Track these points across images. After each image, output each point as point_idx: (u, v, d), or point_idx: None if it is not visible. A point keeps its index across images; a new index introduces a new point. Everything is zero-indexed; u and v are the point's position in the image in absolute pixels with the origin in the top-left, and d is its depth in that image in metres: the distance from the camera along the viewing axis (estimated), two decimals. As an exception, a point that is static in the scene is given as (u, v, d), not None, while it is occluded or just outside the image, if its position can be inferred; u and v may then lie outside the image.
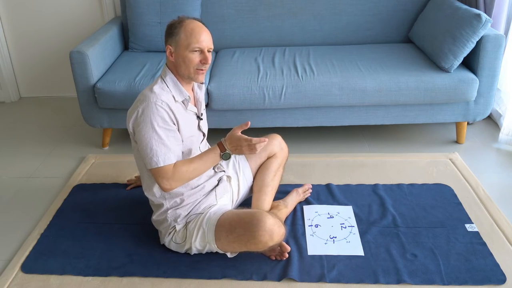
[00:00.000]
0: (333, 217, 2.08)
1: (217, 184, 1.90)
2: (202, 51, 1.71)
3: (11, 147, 2.87)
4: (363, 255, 1.85)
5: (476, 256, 1.82)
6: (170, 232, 1.84)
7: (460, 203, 2.15)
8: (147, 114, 1.66)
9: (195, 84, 1.90)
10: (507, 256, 1.83)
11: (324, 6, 3.00)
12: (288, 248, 1.83)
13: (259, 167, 2.06)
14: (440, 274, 1.74)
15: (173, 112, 1.70)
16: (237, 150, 1.71)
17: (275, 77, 2.56)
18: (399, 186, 2.28)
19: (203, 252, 1.83)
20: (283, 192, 2.15)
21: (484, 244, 1.89)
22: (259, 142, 1.66)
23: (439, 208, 2.11)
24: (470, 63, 2.59)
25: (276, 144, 2.07)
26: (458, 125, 2.71)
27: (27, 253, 1.92)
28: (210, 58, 1.72)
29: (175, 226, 1.82)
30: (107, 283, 1.76)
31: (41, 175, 2.54)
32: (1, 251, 1.97)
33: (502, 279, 1.71)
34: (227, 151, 1.72)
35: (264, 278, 1.75)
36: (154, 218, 1.89)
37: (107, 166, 2.57)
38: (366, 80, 2.51)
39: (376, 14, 3.00)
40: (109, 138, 2.81)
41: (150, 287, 1.74)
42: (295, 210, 2.12)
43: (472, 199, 2.18)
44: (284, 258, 1.83)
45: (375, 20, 3.01)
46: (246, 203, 2.05)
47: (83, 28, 3.37)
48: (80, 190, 2.35)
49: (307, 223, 2.04)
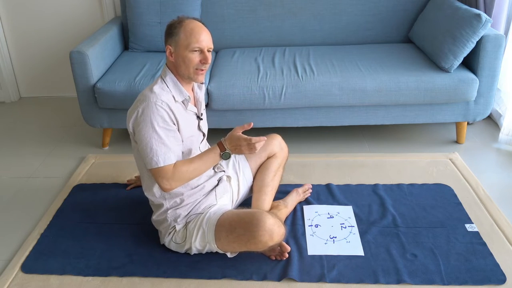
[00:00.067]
0: (333, 217, 2.08)
1: (217, 184, 1.90)
2: (202, 51, 1.71)
3: (11, 147, 2.87)
4: (363, 255, 1.85)
5: (476, 256, 1.82)
6: (170, 232, 1.84)
7: (460, 203, 2.15)
8: (147, 114, 1.66)
9: (195, 84, 1.90)
10: (507, 256, 1.83)
11: (324, 6, 3.00)
12: (288, 248, 1.83)
13: (259, 167, 2.06)
14: (440, 274, 1.74)
15: (173, 112, 1.70)
16: (236, 150, 1.71)
17: (275, 77, 2.56)
18: (399, 186, 2.28)
19: (203, 252, 1.83)
20: (283, 192, 2.15)
21: (484, 244, 1.89)
22: (259, 141, 1.66)
23: (439, 208, 2.11)
24: (470, 63, 2.59)
25: (276, 144, 2.07)
26: (458, 125, 2.71)
27: (27, 253, 1.92)
28: (210, 58, 1.72)
29: (175, 226, 1.82)
30: (107, 283, 1.76)
31: (41, 175, 2.54)
32: (1, 251, 1.97)
33: (502, 279, 1.71)
34: (226, 150, 1.72)
35: (264, 278, 1.75)
36: (154, 218, 1.89)
37: (107, 166, 2.57)
38: (366, 80, 2.51)
39: (376, 14, 3.00)
40: (109, 138, 2.81)
41: (150, 287, 1.74)
42: (295, 210, 2.12)
43: (472, 199, 2.18)
44: (284, 258, 1.83)
45: (375, 20, 3.01)
46: (246, 203, 2.05)
47: (83, 28, 3.37)
48: (80, 190, 2.35)
49: (307, 223, 2.04)
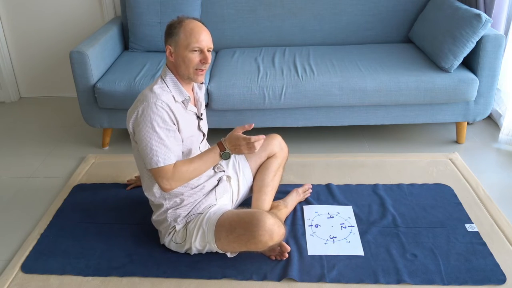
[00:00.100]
0: (333, 217, 2.08)
1: (217, 184, 1.90)
2: (202, 51, 1.71)
3: (11, 147, 2.87)
4: (363, 255, 1.85)
5: (476, 256, 1.82)
6: (170, 232, 1.84)
7: (460, 203, 2.14)
8: (147, 114, 1.66)
9: (195, 84, 1.89)
10: (507, 256, 1.83)
11: (324, 6, 3.00)
12: (288, 248, 1.83)
13: (259, 167, 2.06)
14: (440, 274, 1.74)
15: (173, 112, 1.70)
16: (236, 150, 1.71)
17: (275, 77, 2.56)
18: (399, 186, 2.28)
19: (203, 252, 1.83)
20: (283, 192, 2.15)
21: (484, 244, 1.89)
22: (257, 140, 1.66)
23: (439, 208, 2.11)
24: (470, 63, 2.59)
25: (276, 144, 2.07)
26: (458, 125, 2.71)
27: (27, 253, 1.92)
28: (210, 58, 1.72)
29: (175, 226, 1.82)
30: (107, 283, 1.76)
31: (41, 175, 2.54)
32: (1, 251, 1.97)
33: (502, 279, 1.71)
34: (226, 150, 1.72)
35: (264, 278, 1.75)
36: (154, 218, 1.89)
37: (107, 166, 2.57)
38: (366, 80, 2.51)
39: (376, 14, 3.00)
40: (109, 138, 2.81)
41: (150, 287, 1.74)
42: (295, 210, 2.12)
43: (472, 199, 2.18)
44: (284, 258, 1.83)
45: (375, 20, 3.01)
46: (246, 203, 2.05)
47: (83, 28, 3.37)
48: (80, 190, 2.35)
49: (307, 223, 2.04)
